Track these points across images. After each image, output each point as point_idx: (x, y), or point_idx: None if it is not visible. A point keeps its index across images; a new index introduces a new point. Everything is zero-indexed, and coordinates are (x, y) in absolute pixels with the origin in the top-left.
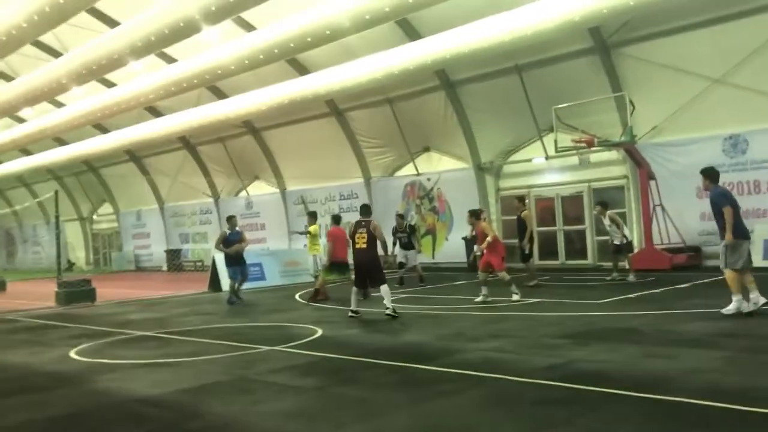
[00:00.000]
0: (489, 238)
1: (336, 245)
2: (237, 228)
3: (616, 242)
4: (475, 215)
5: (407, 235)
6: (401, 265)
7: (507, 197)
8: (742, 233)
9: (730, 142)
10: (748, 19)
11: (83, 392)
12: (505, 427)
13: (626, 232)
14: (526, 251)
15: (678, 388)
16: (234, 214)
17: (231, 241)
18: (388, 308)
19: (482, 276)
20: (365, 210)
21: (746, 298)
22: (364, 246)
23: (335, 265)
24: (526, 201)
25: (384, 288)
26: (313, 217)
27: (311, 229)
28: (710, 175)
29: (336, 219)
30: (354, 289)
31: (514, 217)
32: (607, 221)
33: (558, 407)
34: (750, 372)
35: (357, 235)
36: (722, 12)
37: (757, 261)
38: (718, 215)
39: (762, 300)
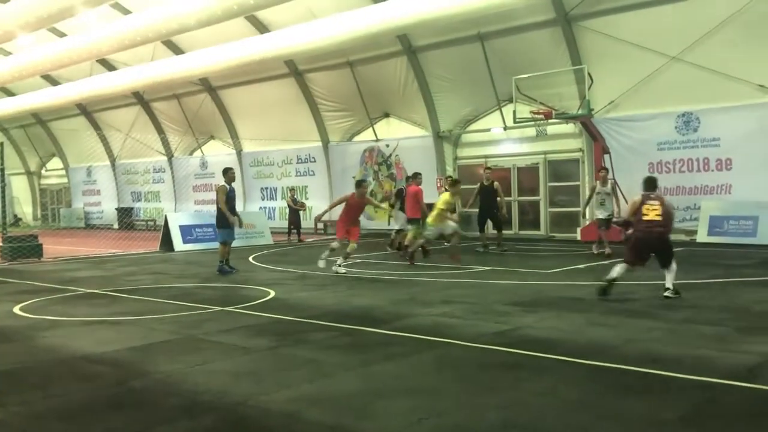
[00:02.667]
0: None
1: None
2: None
3: (607, 213)
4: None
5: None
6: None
7: (465, 166)
8: None
9: (682, 120)
10: None
11: (27, 348)
12: (452, 390)
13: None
14: (503, 219)
15: (619, 355)
16: (231, 167)
17: (230, 198)
18: (669, 288)
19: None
20: (652, 183)
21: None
22: (659, 218)
23: (415, 220)
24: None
25: (673, 266)
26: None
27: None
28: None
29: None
30: (624, 266)
31: (474, 186)
32: (608, 188)
33: (504, 371)
34: (687, 342)
35: (647, 206)
36: None
37: (703, 236)
38: None
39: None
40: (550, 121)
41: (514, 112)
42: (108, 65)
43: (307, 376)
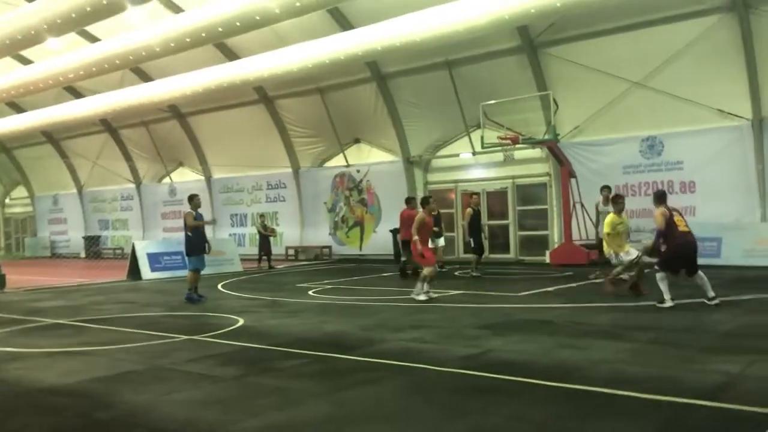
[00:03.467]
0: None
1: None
2: (199, 210)
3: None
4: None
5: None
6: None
7: (435, 191)
8: None
9: (647, 144)
10: (667, 26)
11: None
12: (422, 415)
13: None
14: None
15: (586, 377)
16: (197, 193)
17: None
18: (712, 296)
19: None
20: (666, 196)
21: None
22: (688, 229)
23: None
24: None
25: (700, 274)
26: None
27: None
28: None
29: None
30: (663, 274)
31: (450, 211)
32: (609, 207)
33: (474, 395)
34: (654, 363)
35: (678, 218)
36: (643, 17)
37: None
38: None
39: None
40: (517, 146)
41: (482, 137)
42: (75, 92)
43: (276, 404)
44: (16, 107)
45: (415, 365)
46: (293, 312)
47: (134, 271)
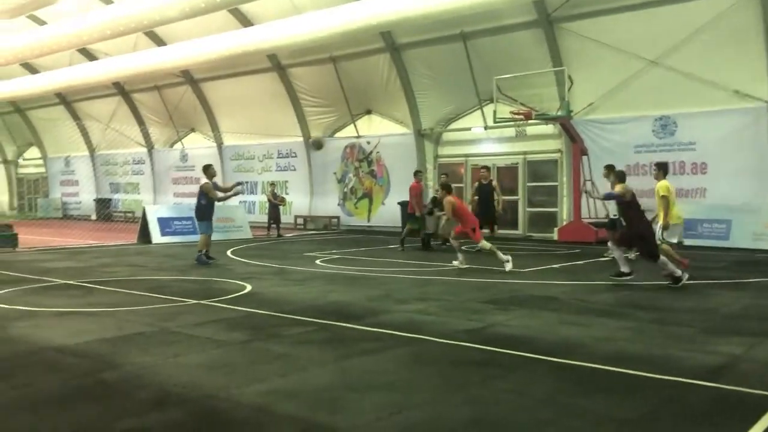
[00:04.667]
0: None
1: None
2: (215, 179)
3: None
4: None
5: None
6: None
7: (445, 164)
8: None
9: (660, 123)
10: (685, 4)
11: None
12: (424, 385)
13: None
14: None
15: (588, 354)
16: (211, 163)
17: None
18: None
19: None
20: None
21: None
22: None
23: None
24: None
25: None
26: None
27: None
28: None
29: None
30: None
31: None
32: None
33: (476, 368)
34: (655, 342)
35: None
36: None
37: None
38: None
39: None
40: (529, 121)
41: (495, 111)
42: (89, 55)
43: (280, 370)
44: (30, 68)
45: (418, 336)
46: (300, 280)
47: (144, 235)
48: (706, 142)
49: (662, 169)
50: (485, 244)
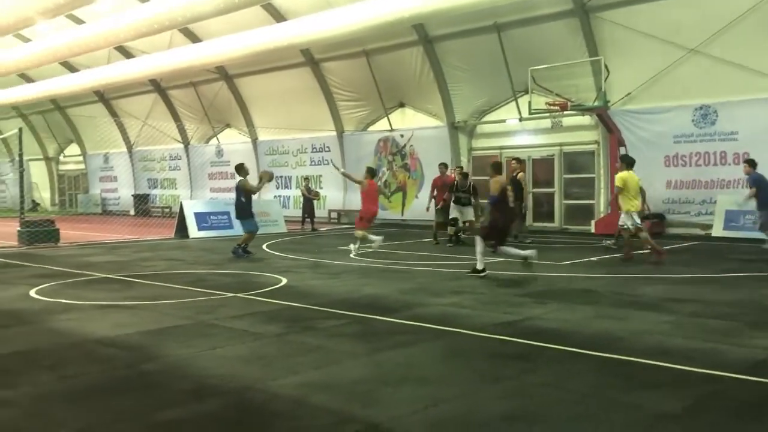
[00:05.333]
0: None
1: None
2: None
3: None
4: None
5: (468, 195)
6: (454, 221)
7: (479, 157)
8: None
9: (700, 113)
10: None
11: (41, 331)
12: (457, 378)
13: None
14: (524, 211)
15: (628, 347)
16: (243, 162)
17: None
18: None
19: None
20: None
21: None
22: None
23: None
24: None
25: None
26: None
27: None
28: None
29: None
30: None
31: (487, 177)
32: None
33: (511, 362)
34: (695, 335)
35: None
36: None
37: (718, 230)
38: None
39: None
40: (565, 112)
41: (530, 103)
42: (126, 53)
43: (315, 362)
44: (69, 66)
45: (452, 329)
46: (335, 274)
47: (182, 229)
48: (749, 132)
49: (625, 161)
50: (358, 233)
